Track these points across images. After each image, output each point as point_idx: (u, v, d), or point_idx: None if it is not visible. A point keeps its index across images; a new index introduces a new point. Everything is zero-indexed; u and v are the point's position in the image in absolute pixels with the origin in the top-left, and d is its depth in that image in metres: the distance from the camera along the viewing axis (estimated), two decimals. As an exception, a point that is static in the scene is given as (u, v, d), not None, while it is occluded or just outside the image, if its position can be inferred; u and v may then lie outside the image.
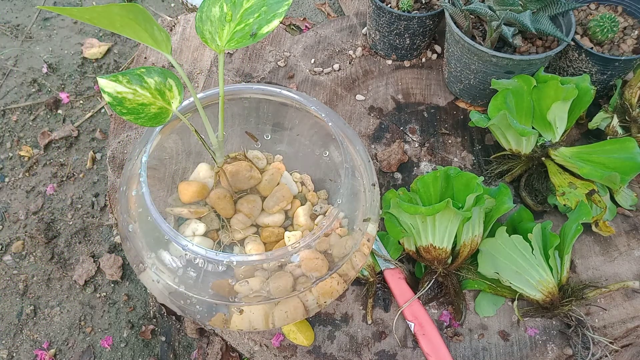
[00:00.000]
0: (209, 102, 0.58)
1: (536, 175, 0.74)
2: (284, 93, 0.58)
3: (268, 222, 0.60)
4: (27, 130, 1.09)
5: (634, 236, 0.72)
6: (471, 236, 0.64)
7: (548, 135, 0.72)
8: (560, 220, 0.72)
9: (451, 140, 0.81)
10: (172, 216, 0.59)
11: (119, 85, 0.49)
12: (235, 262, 0.47)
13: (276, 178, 0.62)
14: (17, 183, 1.05)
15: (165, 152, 0.60)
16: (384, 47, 0.88)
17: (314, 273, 0.52)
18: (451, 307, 0.66)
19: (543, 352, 0.63)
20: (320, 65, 0.90)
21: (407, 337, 0.64)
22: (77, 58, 1.17)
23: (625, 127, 0.74)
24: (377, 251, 0.68)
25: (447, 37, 0.79)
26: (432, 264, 0.65)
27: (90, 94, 1.13)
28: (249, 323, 0.52)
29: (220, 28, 0.52)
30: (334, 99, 0.86)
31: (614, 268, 0.69)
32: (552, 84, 0.70)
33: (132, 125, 0.82)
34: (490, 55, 0.71)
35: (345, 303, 0.67)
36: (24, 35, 1.19)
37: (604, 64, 0.74)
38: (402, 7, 0.82)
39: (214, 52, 0.90)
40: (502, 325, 0.65)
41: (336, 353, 0.63)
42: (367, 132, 0.82)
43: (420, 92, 0.87)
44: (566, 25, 0.74)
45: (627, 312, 0.66)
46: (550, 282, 0.62)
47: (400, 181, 0.77)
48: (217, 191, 0.59)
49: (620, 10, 0.81)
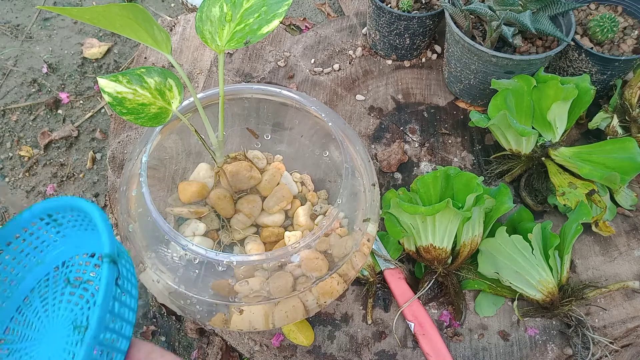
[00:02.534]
0: (209, 102, 0.58)
1: (536, 175, 0.74)
2: (284, 93, 0.58)
3: (268, 222, 0.60)
4: (27, 130, 1.09)
5: (634, 236, 0.72)
6: (471, 236, 0.64)
7: (548, 135, 0.72)
8: (560, 220, 0.72)
9: (451, 140, 0.81)
10: (172, 216, 0.59)
11: (119, 85, 0.49)
12: (235, 262, 0.47)
13: (276, 178, 0.62)
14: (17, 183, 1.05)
15: (165, 152, 0.60)
16: (384, 47, 0.88)
17: (314, 273, 0.52)
18: (451, 307, 0.66)
19: (543, 352, 0.63)
20: (320, 65, 0.90)
21: (407, 337, 0.64)
22: (77, 58, 1.17)
23: (625, 127, 0.74)
24: (377, 251, 0.68)
25: (447, 37, 0.79)
26: (432, 264, 0.65)
27: (90, 94, 1.13)
28: (249, 323, 0.52)
29: (220, 28, 0.52)
30: (334, 99, 0.85)
31: (614, 268, 0.69)
32: (552, 84, 0.70)
33: (132, 125, 0.82)
34: (490, 55, 0.71)
35: (345, 303, 0.67)
36: (24, 35, 1.19)
37: (604, 64, 0.74)
38: (402, 7, 0.82)
39: (214, 52, 0.90)
40: (502, 325, 0.65)
41: (336, 353, 0.63)
42: (367, 132, 0.82)
43: (420, 92, 0.87)
44: (566, 25, 0.74)
45: (627, 312, 0.66)
46: (550, 282, 0.62)
47: (400, 181, 0.77)
48: (217, 191, 0.59)
49: (620, 10, 0.81)
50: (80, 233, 0.40)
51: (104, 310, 0.30)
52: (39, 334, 0.38)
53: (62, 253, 0.41)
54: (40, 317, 0.39)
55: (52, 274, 0.41)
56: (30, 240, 0.40)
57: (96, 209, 0.35)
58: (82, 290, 0.39)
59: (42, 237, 0.40)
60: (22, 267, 0.40)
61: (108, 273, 0.31)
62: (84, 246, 0.41)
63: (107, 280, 0.31)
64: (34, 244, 0.40)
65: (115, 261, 0.32)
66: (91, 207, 0.35)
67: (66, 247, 0.41)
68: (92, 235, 0.40)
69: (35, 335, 0.38)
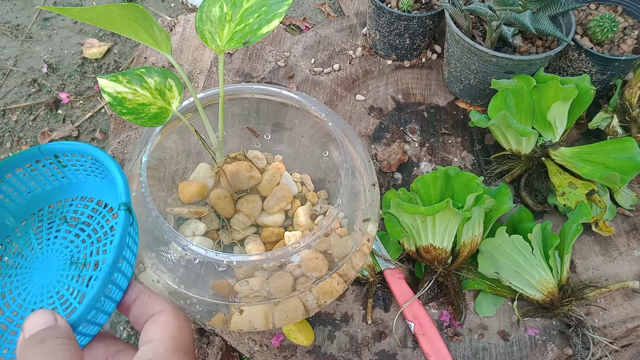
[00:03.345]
0: (209, 102, 0.58)
1: (536, 175, 0.74)
2: (284, 93, 0.58)
3: (268, 222, 0.60)
4: (27, 130, 1.09)
5: (634, 236, 0.72)
6: (471, 236, 0.64)
7: (548, 135, 0.72)
8: (560, 220, 0.72)
9: (451, 140, 0.81)
10: (172, 216, 0.59)
11: (119, 85, 0.49)
12: (235, 262, 0.47)
13: (276, 178, 0.62)
14: (17, 183, 1.05)
15: (165, 152, 0.60)
16: (384, 47, 0.88)
17: (314, 273, 0.52)
18: (451, 307, 0.66)
19: (543, 352, 0.63)
20: (320, 65, 0.90)
21: (407, 337, 0.64)
22: (77, 58, 1.17)
23: (625, 127, 0.74)
24: (377, 251, 0.68)
25: (447, 37, 0.79)
26: (432, 264, 0.65)
27: (90, 94, 1.13)
28: (249, 323, 0.52)
29: (220, 28, 0.52)
30: (334, 99, 0.85)
31: (614, 268, 0.69)
32: (552, 84, 0.70)
33: (132, 125, 0.82)
34: (490, 55, 0.71)
35: (345, 303, 0.67)
36: (24, 35, 1.19)
37: (604, 64, 0.74)
38: (402, 7, 0.82)
39: (214, 52, 0.90)
40: (502, 325, 0.65)
41: (336, 353, 0.63)
42: (367, 132, 0.82)
43: (420, 92, 0.87)
44: (566, 25, 0.74)
45: (627, 312, 0.66)
46: (550, 282, 0.62)
47: (400, 181, 0.77)
48: (217, 191, 0.59)
49: (620, 10, 0.81)
50: (82, 178, 0.42)
51: (119, 251, 0.32)
52: (31, 264, 0.39)
53: (59, 193, 0.43)
54: (34, 248, 0.40)
55: (46, 210, 0.42)
56: (30, 176, 0.41)
57: (111, 158, 0.37)
58: (78, 230, 0.40)
59: (42, 174, 0.41)
60: (15, 198, 0.41)
61: (124, 219, 0.33)
62: (84, 191, 0.42)
63: (123, 225, 0.33)
64: (33, 179, 0.41)
65: (130, 209, 0.34)
66: (106, 156, 0.37)
67: (64, 189, 0.43)
68: (94, 182, 0.41)
69: (28, 265, 0.39)
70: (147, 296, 0.34)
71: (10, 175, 0.40)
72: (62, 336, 0.28)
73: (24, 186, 0.41)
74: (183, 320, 0.32)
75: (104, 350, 0.33)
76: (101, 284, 0.31)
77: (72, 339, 0.29)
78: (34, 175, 0.41)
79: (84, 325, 0.31)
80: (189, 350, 0.31)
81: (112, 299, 0.33)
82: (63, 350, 0.27)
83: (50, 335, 0.28)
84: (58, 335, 0.28)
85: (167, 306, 0.33)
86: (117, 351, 0.33)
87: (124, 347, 0.33)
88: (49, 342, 0.27)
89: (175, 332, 0.31)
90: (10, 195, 0.41)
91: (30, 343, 0.28)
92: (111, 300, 0.33)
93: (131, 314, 0.34)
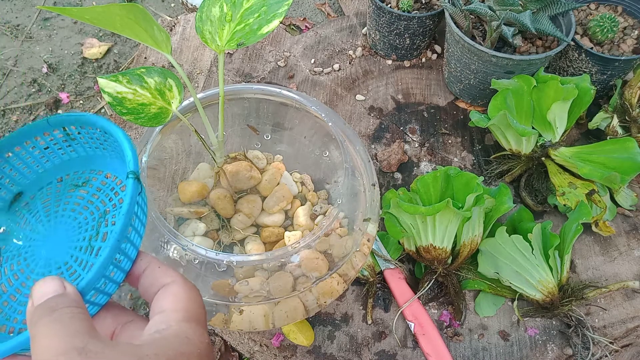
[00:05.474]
0: (209, 102, 0.58)
1: (536, 175, 0.74)
2: (284, 93, 0.58)
3: (268, 222, 0.60)
4: (27, 130, 1.09)
5: (634, 236, 0.72)
6: (471, 236, 0.64)
7: (548, 135, 0.72)
8: (560, 220, 0.72)
9: (451, 140, 0.81)
10: (172, 216, 0.59)
11: (119, 85, 0.49)
12: (235, 262, 0.47)
13: (276, 178, 0.62)
14: (17, 183, 1.05)
15: (165, 152, 0.60)
16: (384, 47, 0.88)
17: (314, 273, 0.52)
18: (451, 307, 0.66)
19: (543, 352, 0.63)
20: (320, 65, 0.90)
21: (407, 337, 0.64)
22: (77, 58, 1.17)
23: (625, 127, 0.74)
24: (377, 251, 0.68)
25: (447, 37, 0.79)
26: (432, 264, 0.65)
27: (90, 94, 1.13)
28: (249, 323, 0.52)
29: (220, 28, 0.52)
30: (334, 99, 0.85)
31: (614, 268, 0.69)
32: (552, 84, 0.70)
33: (132, 125, 0.82)
34: (490, 55, 0.71)
35: (345, 303, 0.67)
36: (24, 35, 1.19)
37: (604, 64, 0.74)
38: (402, 7, 0.82)
39: (214, 52, 0.90)
40: (502, 325, 0.65)
41: (336, 353, 0.63)
42: (367, 132, 0.82)
43: (420, 92, 0.87)
44: (566, 25, 0.74)
45: (627, 312, 0.66)
46: (550, 282, 0.62)
47: (400, 181, 0.77)
48: (217, 191, 0.59)
49: (620, 10, 0.81)
50: (91, 152, 0.41)
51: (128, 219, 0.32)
52: (40, 236, 0.39)
53: (67, 166, 0.42)
54: (42, 221, 0.40)
55: (54, 184, 0.42)
56: (39, 149, 0.41)
57: (119, 128, 0.36)
58: (87, 202, 0.40)
59: (51, 147, 0.41)
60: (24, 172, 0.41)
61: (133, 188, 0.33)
62: (93, 164, 0.42)
63: (131, 193, 0.33)
64: (42, 153, 0.41)
65: (138, 178, 0.34)
66: (113, 126, 0.36)
67: (73, 162, 0.42)
68: (103, 155, 0.41)
69: (36, 237, 0.39)
70: (157, 267, 0.33)
71: (19, 148, 0.40)
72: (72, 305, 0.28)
73: (32, 159, 0.41)
74: (193, 290, 0.32)
75: (112, 320, 0.33)
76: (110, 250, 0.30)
77: (83, 308, 0.28)
78: (42, 148, 0.40)
79: (92, 294, 0.31)
80: (201, 320, 0.31)
81: (121, 268, 0.33)
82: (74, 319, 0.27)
83: (60, 303, 0.27)
84: (69, 305, 0.28)
85: (177, 277, 0.32)
86: (126, 322, 0.33)
87: (133, 317, 0.33)
88: (60, 311, 0.27)
89: (186, 303, 0.31)
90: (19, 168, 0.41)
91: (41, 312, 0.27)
92: (120, 269, 0.33)
93: (140, 284, 0.33)
